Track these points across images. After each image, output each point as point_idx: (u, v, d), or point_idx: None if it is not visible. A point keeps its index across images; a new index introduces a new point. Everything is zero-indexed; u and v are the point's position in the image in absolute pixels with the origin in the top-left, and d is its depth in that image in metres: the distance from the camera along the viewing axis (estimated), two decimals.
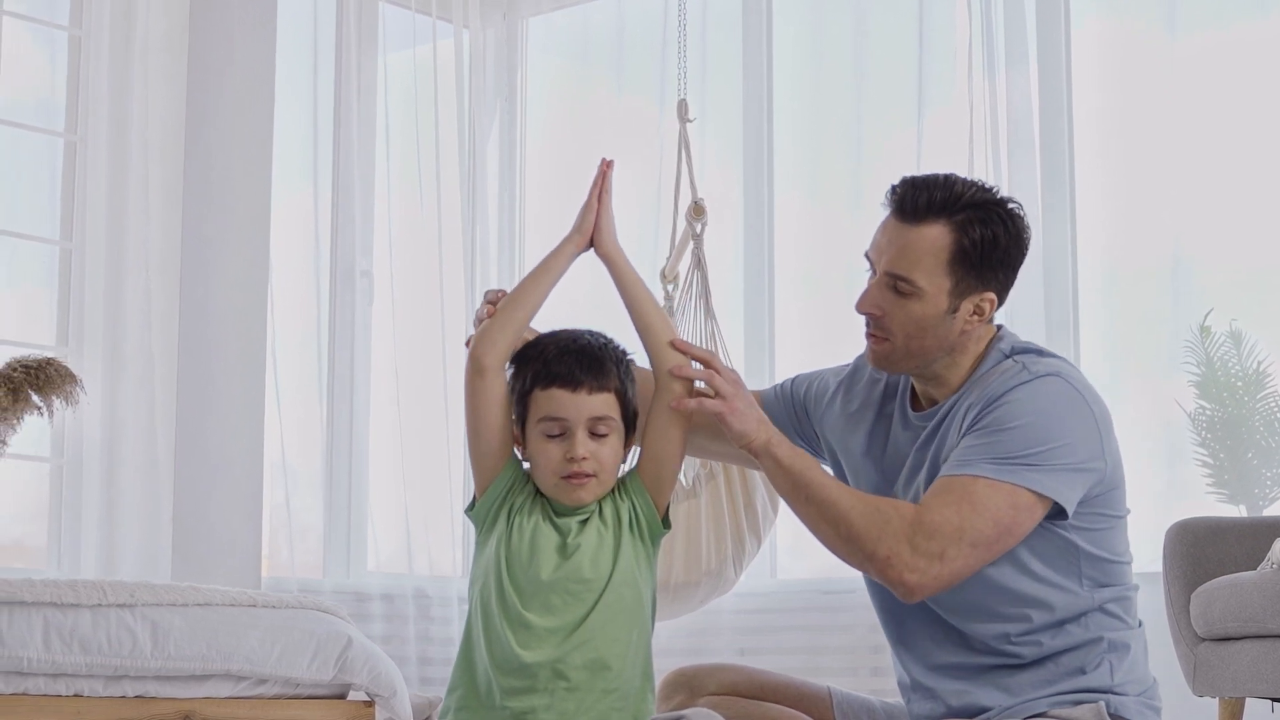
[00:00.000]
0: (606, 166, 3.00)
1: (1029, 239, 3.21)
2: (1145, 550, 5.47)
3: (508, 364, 2.95)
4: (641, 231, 6.59)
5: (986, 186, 3.19)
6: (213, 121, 6.08)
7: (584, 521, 2.90)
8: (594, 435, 2.89)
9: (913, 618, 3.26)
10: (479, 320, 3.05)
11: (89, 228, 5.77)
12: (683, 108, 6.16)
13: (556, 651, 2.84)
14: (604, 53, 7.01)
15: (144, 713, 3.77)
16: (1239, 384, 5.62)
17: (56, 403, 4.91)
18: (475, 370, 2.91)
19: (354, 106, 6.54)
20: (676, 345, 2.97)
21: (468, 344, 3.00)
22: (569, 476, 2.88)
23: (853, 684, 5.53)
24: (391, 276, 6.60)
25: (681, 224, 6.05)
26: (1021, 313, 5.80)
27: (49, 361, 4.91)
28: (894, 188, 3.18)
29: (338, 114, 6.55)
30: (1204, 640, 4.66)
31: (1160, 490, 5.68)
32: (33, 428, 5.23)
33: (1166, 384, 5.72)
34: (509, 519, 2.92)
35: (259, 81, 6.22)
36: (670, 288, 6.03)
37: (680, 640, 6.14)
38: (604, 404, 2.89)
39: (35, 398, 4.87)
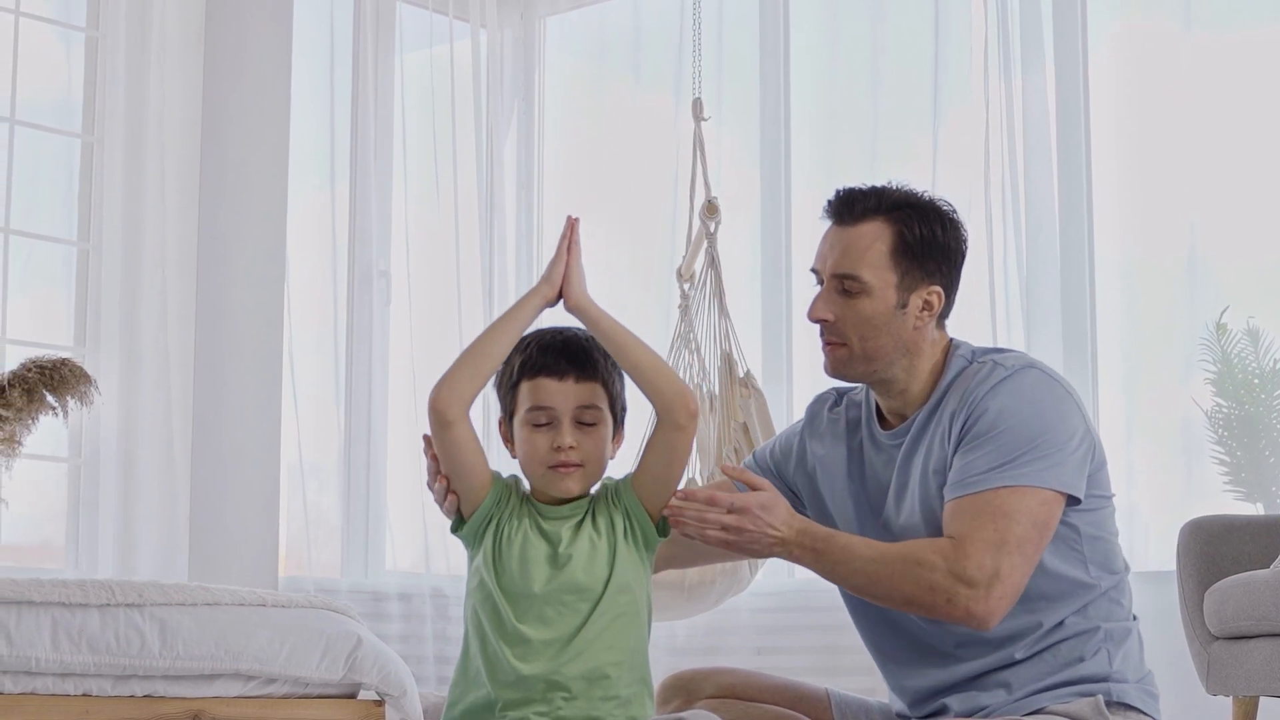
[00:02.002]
0: (573, 222, 2.97)
1: (966, 240, 3.28)
2: (1161, 548, 5.46)
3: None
4: (658, 230, 6.59)
5: (919, 191, 3.27)
6: (229, 122, 6.09)
7: (577, 526, 2.90)
8: (581, 425, 2.90)
9: (903, 649, 3.28)
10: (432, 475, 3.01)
11: (106, 228, 5.79)
12: (697, 106, 6.16)
13: (553, 664, 2.83)
14: (621, 52, 7.00)
15: (152, 712, 3.77)
16: (1256, 381, 5.60)
17: (71, 403, 4.93)
18: (440, 424, 2.88)
19: (371, 106, 6.54)
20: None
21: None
22: (556, 466, 2.89)
23: (871, 684, 5.53)
24: (409, 276, 6.60)
25: (697, 223, 6.06)
26: (1038, 312, 5.79)
27: (63, 362, 4.93)
28: (829, 200, 3.27)
29: (355, 114, 6.55)
30: (1217, 639, 4.65)
31: (1177, 488, 5.66)
32: (52, 428, 5.26)
33: (1184, 382, 5.70)
34: (496, 533, 2.91)
35: (275, 82, 6.23)
36: (686, 286, 6.04)
37: (697, 639, 6.14)
38: (591, 393, 2.90)
39: (50, 398, 4.89)
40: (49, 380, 4.86)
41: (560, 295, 2.93)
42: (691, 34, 6.34)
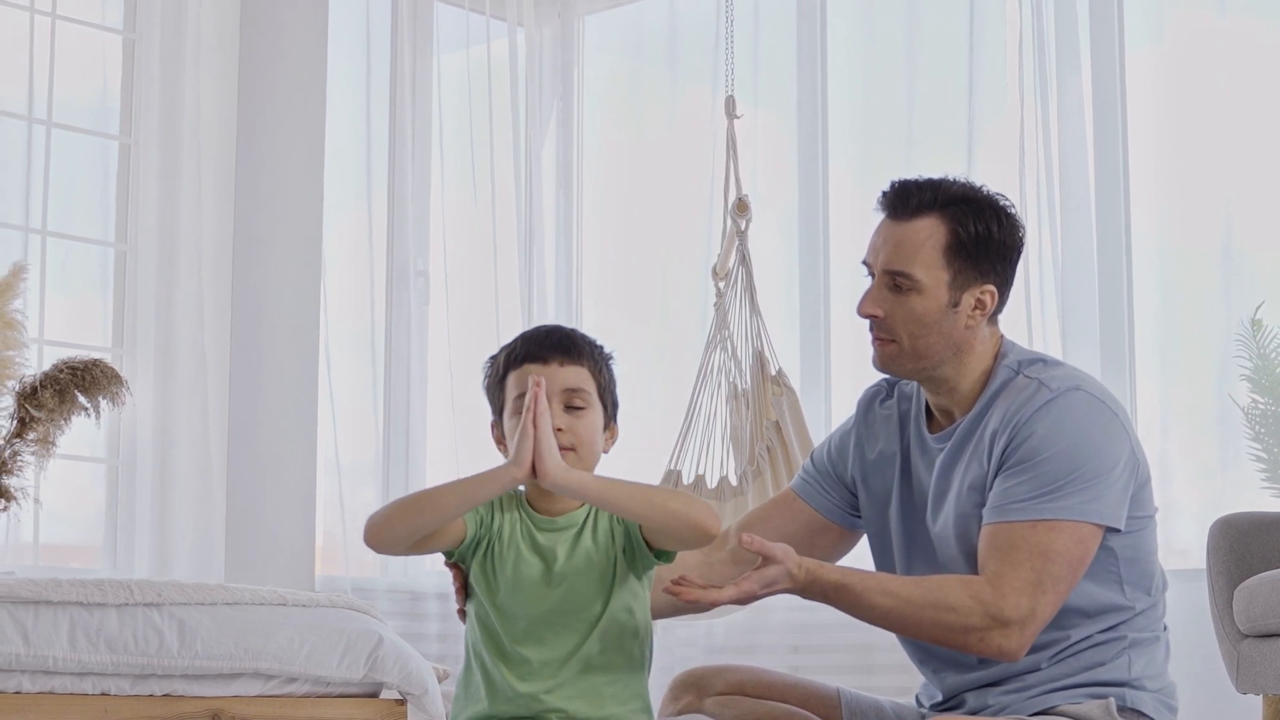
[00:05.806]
0: (537, 389, 2.73)
1: (1023, 236, 3.21)
2: (1198, 547, 5.42)
3: None
4: (696, 228, 6.58)
5: (976, 185, 3.19)
6: (265, 123, 6.11)
7: (574, 539, 2.85)
8: (570, 409, 2.84)
9: (931, 654, 3.26)
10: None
11: (142, 230, 5.82)
12: (730, 104, 6.14)
13: (549, 683, 2.81)
14: (659, 49, 6.99)
15: (171, 711, 3.79)
16: None
17: (103, 404, 4.95)
18: (386, 552, 2.83)
19: (408, 106, 6.55)
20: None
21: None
22: None
23: (905, 682, 5.51)
24: (447, 276, 6.61)
25: (729, 221, 6.05)
26: (1075, 309, 5.76)
27: (95, 363, 4.94)
28: (884, 191, 3.20)
29: (392, 114, 6.56)
30: (1247, 637, 4.61)
31: (1214, 486, 5.62)
32: (90, 429, 5.28)
33: (1220, 379, 5.65)
34: (487, 553, 2.87)
35: (311, 82, 6.24)
36: (721, 284, 6.03)
37: (734, 638, 6.13)
38: (577, 376, 2.86)
39: (81, 398, 4.91)
40: (80, 381, 4.88)
41: (534, 472, 2.71)
42: (726, 31, 6.33)
